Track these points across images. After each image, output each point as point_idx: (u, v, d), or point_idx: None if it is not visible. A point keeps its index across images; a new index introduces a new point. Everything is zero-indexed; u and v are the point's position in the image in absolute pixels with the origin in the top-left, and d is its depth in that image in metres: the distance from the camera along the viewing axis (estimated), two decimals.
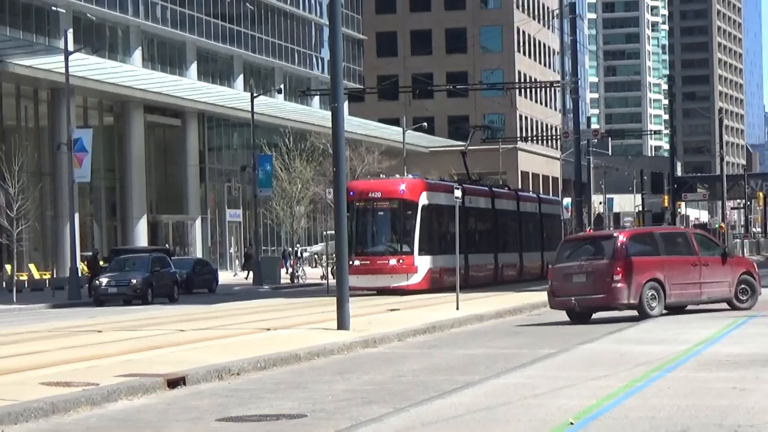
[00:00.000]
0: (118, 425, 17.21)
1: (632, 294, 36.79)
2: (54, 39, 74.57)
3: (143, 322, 40.56)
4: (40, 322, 42.37)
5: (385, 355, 27.93)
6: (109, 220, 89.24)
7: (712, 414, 16.30)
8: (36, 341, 32.18)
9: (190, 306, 50.36)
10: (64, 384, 20.22)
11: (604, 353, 26.13)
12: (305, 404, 18.85)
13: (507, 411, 17.57)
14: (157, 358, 25.38)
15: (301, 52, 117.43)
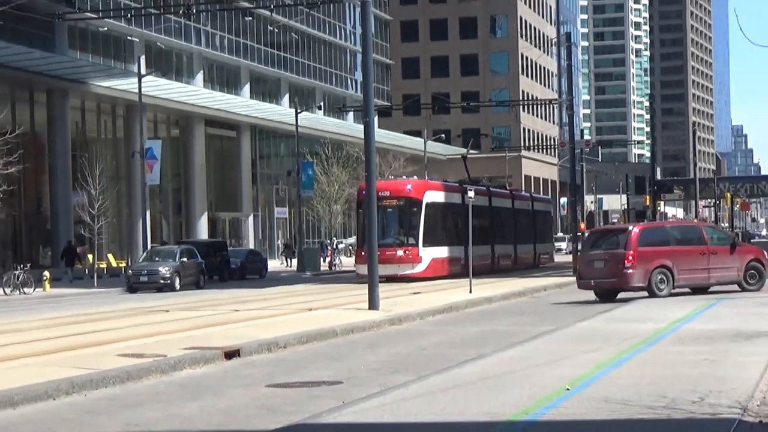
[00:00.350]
0: (183, 391, 17.22)
1: (642, 278, 37.80)
2: (129, 64, 74.62)
3: (203, 303, 40.45)
4: (116, 303, 42.35)
5: (409, 331, 27.93)
6: (175, 217, 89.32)
7: (686, 382, 16.26)
8: (113, 320, 32.39)
9: (244, 290, 50.16)
10: (137, 356, 20.29)
11: (596, 330, 26.07)
12: (341, 373, 18.87)
13: (512, 379, 17.54)
14: (216, 333, 25.42)
15: (338, 75, 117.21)
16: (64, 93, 72.38)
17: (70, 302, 43.67)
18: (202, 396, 16.56)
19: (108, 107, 76.65)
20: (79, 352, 21.31)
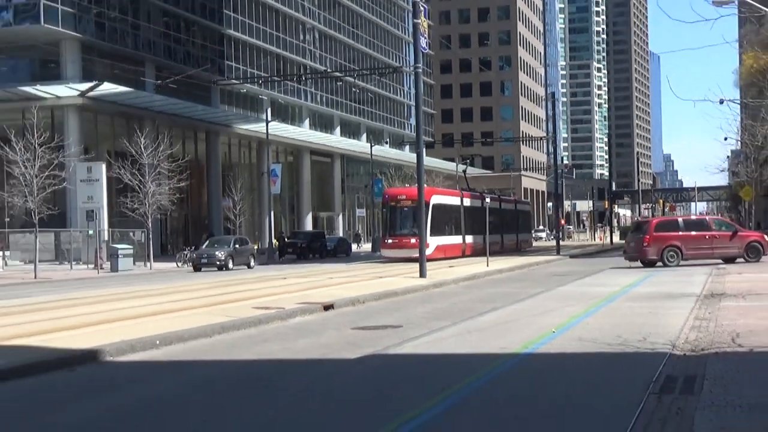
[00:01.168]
0: (295, 331, 17.31)
1: (656, 254, 38.41)
2: (260, 113, 74.67)
3: (309, 272, 39.99)
4: (248, 273, 42.52)
5: (446, 292, 27.84)
6: (290, 215, 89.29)
7: (634, 327, 16.16)
8: (249, 283, 32.47)
9: (335, 264, 50.03)
10: (265, 308, 20.36)
11: (572, 292, 25.91)
12: (401, 320, 18.87)
13: (516, 324, 17.54)
14: (317, 293, 25.36)
15: (398, 120, 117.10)
16: (216, 133, 72.74)
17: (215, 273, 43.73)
18: (308, 335, 16.65)
19: (246, 142, 76.93)
20: (225, 306, 21.44)
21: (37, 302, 25.37)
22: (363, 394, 10.94)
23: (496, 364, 12.63)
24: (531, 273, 37.97)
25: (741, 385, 9.84)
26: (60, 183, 48.32)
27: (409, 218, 51.13)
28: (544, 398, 10.31)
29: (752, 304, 19.31)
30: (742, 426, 7.96)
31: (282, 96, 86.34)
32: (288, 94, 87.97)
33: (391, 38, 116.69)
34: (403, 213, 52.18)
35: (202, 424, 9.32)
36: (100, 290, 30.55)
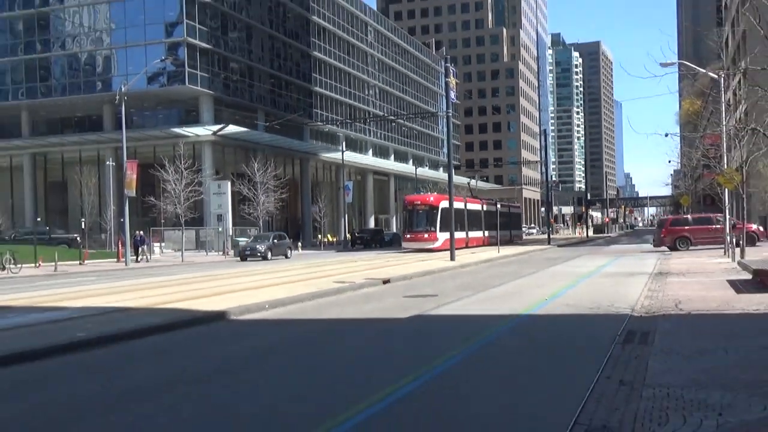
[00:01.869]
0: (363, 299, 17.36)
1: (669, 242, 37.98)
2: (337, 145, 74.99)
3: (372, 258, 39.46)
4: (330, 257, 42.33)
5: (470, 271, 27.68)
6: (359, 217, 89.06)
7: (604, 296, 16.00)
8: (330, 264, 32.08)
9: (391, 252, 49.63)
10: (341, 282, 20.42)
11: (560, 271, 25.69)
12: (437, 290, 18.84)
13: (518, 294, 17.43)
14: (378, 272, 25.38)
15: (434, 149, 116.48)
16: (307, 160, 72.97)
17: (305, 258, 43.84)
18: (372, 301, 16.69)
19: (327, 166, 76.95)
20: (313, 281, 21.55)
21: (183, 278, 25.78)
22: (413, 341, 11.06)
23: (505, 322, 12.67)
24: (529, 258, 37.57)
25: (681, 338, 9.84)
26: (198, 195, 49.20)
27: (422, 218, 48.90)
28: (540, 345, 10.39)
29: (689, 280, 19.09)
30: (682, 366, 7.96)
31: (353, 133, 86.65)
32: (357, 132, 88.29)
33: (430, 92, 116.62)
34: (417, 214, 49.32)
35: (304, 356, 9.57)
36: (226, 270, 30.94)
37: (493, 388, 7.76)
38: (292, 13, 76.98)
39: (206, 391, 7.91)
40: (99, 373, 9.09)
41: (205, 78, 62.03)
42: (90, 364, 9.62)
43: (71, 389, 8.19)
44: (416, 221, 48.98)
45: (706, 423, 5.81)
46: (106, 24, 62.79)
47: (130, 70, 58.53)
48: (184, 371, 9.10)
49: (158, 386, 8.26)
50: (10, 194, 65.32)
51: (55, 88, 64.54)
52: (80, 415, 6.99)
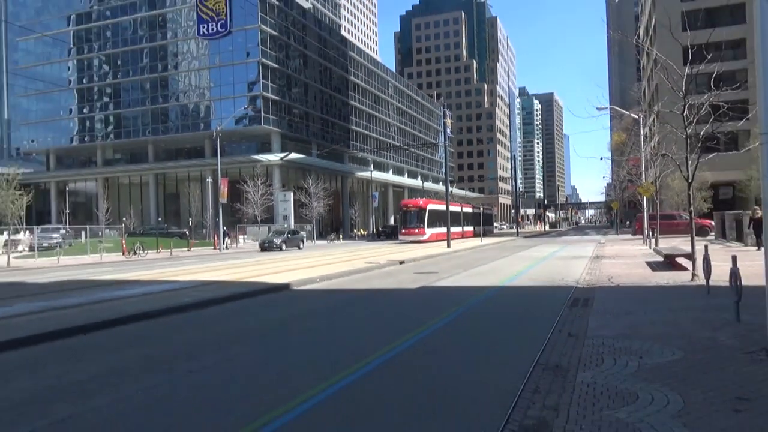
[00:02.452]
0: (386, 275, 17.24)
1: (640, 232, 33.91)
2: (367, 167, 74.89)
3: (390, 245, 38.57)
4: (362, 246, 42.01)
5: (460, 255, 27.35)
6: (382, 217, 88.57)
7: (557, 272, 15.77)
8: (362, 251, 31.61)
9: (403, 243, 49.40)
10: (369, 262, 20.34)
11: (525, 256, 25.36)
12: (437, 268, 18.68)
13: (495, 271, 17.19)
14: (395, 255, 25.12)
15: (436, 169, 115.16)
16: (346, 177, 72.63)
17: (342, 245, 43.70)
18: (392, 276, 16.57)
19: (360, 181, 76.46)
20: (350, 261, 21.46)
21: (259, 260, 25.87)
22: (421, 303, 10.97)
23: (487, 291, 12.52)
24: (503, 246, 37.23)
25: (612, 303, 9.70)
26: (270, 202, 49.31)
27: (414, 217, 44.64)
28: (510, 307, 10.25)
29: (618, 261, 18.81)
30: (613, 323, 7.84)
31: (378, 158, 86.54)
32: (381, 157, 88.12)
33: (432, 128, 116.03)
34: (410, 214, 45.09)
35: (345, 314, 9.47)
36: (289, 254, 31.06)
37: (475, 337, 7.71)
38: (336, 75, 77.18)
39: (283, 333, 7.94)
40: (200, 326, 9.15)
41: (275, 120, 62.37)
42: (194, 321, 9.67)
43: (179, 339, 8.25)
44: (409, 220, 45.07)
45: (631, 364, 5.73)
46: (207, 83, 63.29)
47: (223, 115, 59.00)
48: (261, 323, 9.13)
49: (246, 332, 8.32)
50: (140, 202, 66.10)
51: (171, 128, 65.20)
52: (193, 354, 7.04)
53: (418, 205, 45.37)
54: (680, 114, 12.19)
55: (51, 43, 68.76)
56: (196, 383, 5.79)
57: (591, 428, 4.15)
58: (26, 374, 6.28)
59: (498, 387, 5.36)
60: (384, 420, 4.59)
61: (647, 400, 4.66)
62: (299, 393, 5.25)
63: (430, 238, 43.25)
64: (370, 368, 6.10)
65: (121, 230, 38.91)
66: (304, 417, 4.70)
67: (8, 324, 8.92)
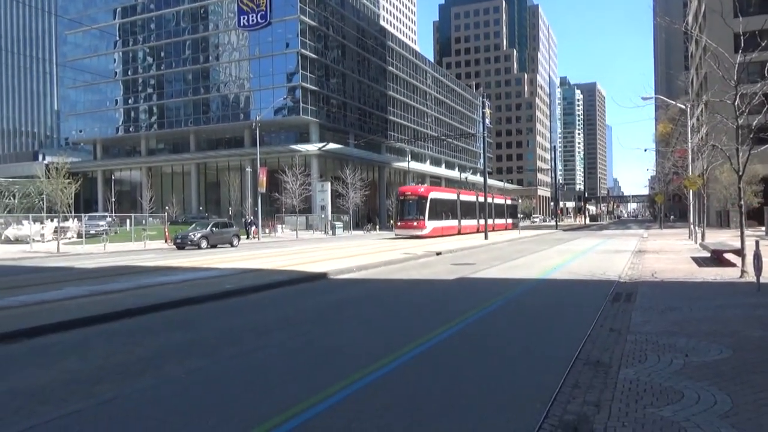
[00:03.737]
0: (422, 266, 17.22)
1: None
2: (404, 157, 74.53)
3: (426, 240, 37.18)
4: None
5: (497, 247, 26.97)
6: None
7: (598, 266, 15.47)
8: (398, 242, 31.63)
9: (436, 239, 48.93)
10: (406, 254, 20.34)
11: (564, 249, 24.95)
12: (475, 260, 18.53)
13: (533, 264, 16.97)
14: (432, 246, 25.02)
15: (474, 160, 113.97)
16: (383, 168, 72.52)
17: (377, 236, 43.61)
18: (428, 267, 16.53)
19: (398, 172, 76.06)
20: (387, 252, 21.49)
21: (297, 250, 26.14)
22: (459, 295, 10.89)
23: (525, 283, 12.38)
24: (541, 239, 36.61)
25: (656, 298, 9.45)
26: (308, 192, 49.76)
27: (413, 207, 36.92)
28: (550, 299, 10.10)
29: (662, 256, 18.32)
30: (657, 319, 7.64)
31: (415, 148, 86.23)
32: (418, 148, 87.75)
33: (470, 119, 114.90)
34: (408, 204, 37.30)
35: (381, 304, 9.52)
36: (326, 244, 31.26)
37: (515, 331, 7.62)
38: (374, 65, 77.04)
39: (323, 320, 8.03)
40: (242, 313, 9.31)
41: (314, 110, 62.79)
42: (233, 308, 9.84)
43: (222, 324, 8.41)
44: (407, 210, 37.31)
45: (676, 362, 5.57)
46: (247, 74, 64.11)
47: (262, 106, 59.67)
48: (301, 311, 9.24)
49: (286, 319, 8.44)
50: (182, 190, 67.54)
51: (212, 119, 66.36)
52: (235, 339, 7.18)
53: (418, 192, 38.04)
54: (731, 104, 11.73)
55: (98, 36, 70.70)
56: (238, 367, 5.91)
57: (634, 426, 4.05)
58: (75, 355, 6.51)
59: (537, 381, 5.28)
60: (422, 410, 4.59)
61: (693, 399, 4.53)
62: (339, 379, 5.29)
63: (432, 232, 36.85)
64: (407, 358, 6.10)
65: (164, 218, 39.86)
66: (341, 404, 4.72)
67: (59, 307, 9.27)
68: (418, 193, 37.83)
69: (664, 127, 75.15)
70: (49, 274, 15.50)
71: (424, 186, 42.74)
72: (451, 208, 40.70)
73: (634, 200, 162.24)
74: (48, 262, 20.40)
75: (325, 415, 4.49)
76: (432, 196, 37.98)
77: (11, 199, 55.17)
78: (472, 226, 44.12)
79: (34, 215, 33.53)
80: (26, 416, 4.57)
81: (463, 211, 42.96)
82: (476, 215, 45.16)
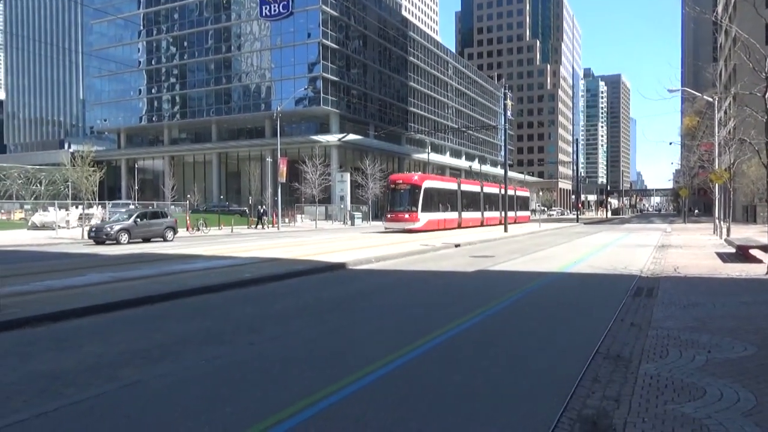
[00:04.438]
0: (440, 257, 17.17)
1: None
2: (424, 149, 74.28)
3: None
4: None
5: (517, 240, 26.68)
6: None
7: (620, 260, 15.28)
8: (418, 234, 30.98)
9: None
10: (424, 245, 20.27)
11: (585, 242, 24.67)
12: (493, 252, 18.41)
13: (553, 257, 16.82)
14: (449, 239, 24.99)
15: (494, 152, 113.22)
16: (403, 159, 72.31)
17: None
18: (447, 259, 16.48)
19: (417, 163, 75.33)
20: (405, 243, 21.46)
21: (316, 240, 26.24)
22: (478, 287, 10.82)
23: (545, 277, 12.27)
24: (561, 232, 36.17)
25: (679, 294, 9.30)
26: (328, 182, 49.89)
27: (405, 198, 32.23)
28: (570, 293, 10.01)
29: (685, 251, 18.02)
30: (679, 315, 7.52)
31: (435, 140, 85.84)
32: (439, 139, 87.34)
33: (491, 110, 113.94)
34: (400, 194, 32.61)
35: (400, 295, 9.52)
36: (345, 234, 31.32)
37: (532, 323, 7.56)
38: (395, 55, 76.70)
39: (341, 310, 8.07)
40: (260, 301, 9.38)
41: (334, 101, 62.82)
42: (252, 296, 9.92)
43: (241, 312, 8.49)
44: (398, 200, 32.67)
45: (698, 358, 5.48)
46: (268, 65, 64.37)
47: (283, 96, 59.93)
48: (319, 300, 9.29)
49: (305, 308, 8.48)
50: (203, 180, 68.22)
51: (233, 109, 66.83)
52: (253, 327, 7.24)
53: (411, 181, 33.22)
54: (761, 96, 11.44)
55: (122, 26, 71.46)
56: (256, 355, 5.96)
57: (654, 422, 4.00)
58: (98, 340, 6.63)
59: (556, 374, 5.24)
60: (438, 401, 4.58)
61: (715, 396, 4.45)
62: (356, 369, 5.30)
63: (427, 226, 32.45)
64: (425, 350, 6.09)
65: (186, 207, 40.34)
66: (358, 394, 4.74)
67: (82, 293, 9.44)
68: (411, 182, 33.00)
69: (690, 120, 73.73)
70: (74, 261, 15.80)
71: (418, 173, 37.03)
72: (450, 199, 36.44)
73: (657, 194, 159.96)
74: (72, 249, 20.79)
75: (342, 404, 4.50)
76: (427, 185, 33.34)
77: (38, 186, 56.29)
78: (475, 219, 40.00)
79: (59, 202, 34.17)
80: (52, 398, 4.67)
81: (466, 202, 38.84)
82: (480, 207, 41.03)
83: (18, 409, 4.44)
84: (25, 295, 9.09)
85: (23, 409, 4.42)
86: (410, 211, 32.10)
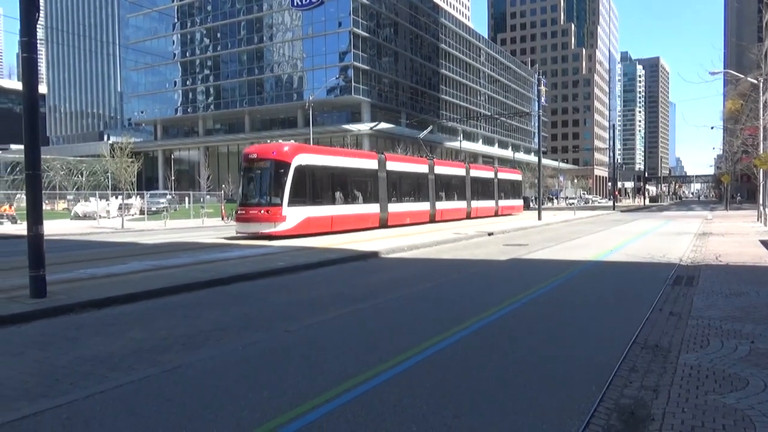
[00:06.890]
0: (474, 245, 17.10)
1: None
2: (456, 137, 73.66)
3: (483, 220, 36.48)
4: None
5: (552, 228, 26.37)
6: None
7: (658, 248, 14.96)
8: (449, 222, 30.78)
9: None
10: (457, 234, 20.21)
11: (622, 230, 24.19)
12: (528, 241, 18.25)
13: (589, 246, 16.59)
14: (484, 227, 24.71)
15: (528, 139, 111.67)
16: (435, 147, 71.69)
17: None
18: (480, 247, 16.40)
19: (450, 152, 75.00)
20: (437, 232, 21.39)
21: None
22: (512, 276, 10.78)
23: (581, 265, 12.10)
24: (597, 219, 35.57)
25: (720, 282, 9.08)
26: None
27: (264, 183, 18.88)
28: (607, 283, 9.84)
29: (727, 239, 17.52)
30: (721, 304, 7.35)
31: (468, 128, 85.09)
32: (470, 127, 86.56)
33: (525, 97, 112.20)
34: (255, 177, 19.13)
35: (433, 283, 9.51)
36: None
37: (570, 312, 7.48)
38: (427, 42, 76.12)
39: (375, 298, 8.13)
40: (295, 289, 9.50)
41: (366, 90, 62.80)
42: (286, 284, 10.05)
43: (277, 300, 8.63)
44: (253, 188, 19.19)
45: (741, 348, 5.35)
46: (300, 54, 64.71)
47: (315, 86, 60.21)
48: (353, 288, 9.36)
49: (339, 296, 8.55)
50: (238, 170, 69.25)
51: (266, 99, 67.51)
52: (289, 315, 7.36)
53: (271, 156, 19.09)
54: None
55: (157, 19, 72.70)
56: (293, 341, 6.06)
57: (695, 412, 3.93)
58: (140, 326, 6.84)
59: (592, 363, 5.19)
60: (474, 388, 4.58)
61: (759, 387, 4.34)
62: (393, 355, 5.35)
63: (299, 227, 19.04)
64: (459, 337, 6.10)
65: (221, 196, 41.00)
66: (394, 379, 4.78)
67: (124, 280, 9.73)
68: (270, 157, 19.03)
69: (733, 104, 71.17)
70: (115, 249, 16.27)
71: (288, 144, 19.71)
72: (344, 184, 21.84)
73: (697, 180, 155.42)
74: (113, 238, 21.41)
75: (379, 390, 4.54)
76: (298, 162, 19.07)
77: (79, 177, 58.00)
78: (418, 213, 27.91)
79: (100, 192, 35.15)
80: (98, 381, 4.85)
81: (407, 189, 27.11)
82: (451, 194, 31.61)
83: (67, 391, 4.62)
84: (71, 282, 9.42)
85: (71, 391, 4.60)
86: (271, 207, 18.59)
